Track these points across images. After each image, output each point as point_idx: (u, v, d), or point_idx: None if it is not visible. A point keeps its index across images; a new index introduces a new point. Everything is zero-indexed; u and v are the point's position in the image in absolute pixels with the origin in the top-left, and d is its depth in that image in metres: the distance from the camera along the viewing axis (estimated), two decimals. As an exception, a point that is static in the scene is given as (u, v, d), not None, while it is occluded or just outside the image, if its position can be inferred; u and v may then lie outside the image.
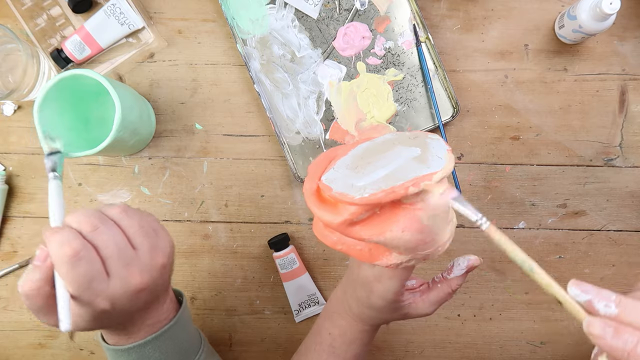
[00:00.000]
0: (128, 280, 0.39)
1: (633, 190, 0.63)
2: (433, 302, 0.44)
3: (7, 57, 0.61)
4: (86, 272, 0.37)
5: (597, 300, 0.29)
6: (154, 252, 0.41)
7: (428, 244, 0.35)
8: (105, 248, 0.38)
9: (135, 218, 0.41)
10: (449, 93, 0.62)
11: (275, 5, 0.63)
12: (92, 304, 0.38)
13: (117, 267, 0.39)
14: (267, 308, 0.64)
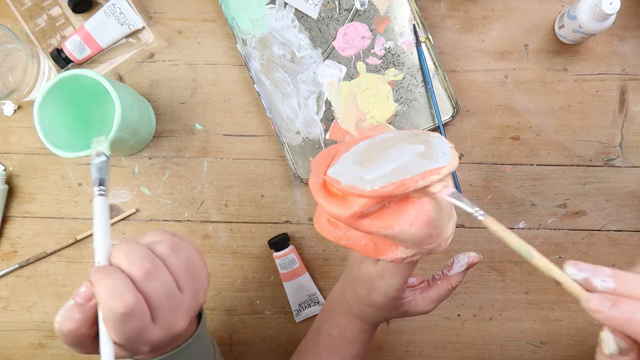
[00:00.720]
0: (172, 326, 0.38)
1: (633, 190, 0.63)
2: (433, 299, 0.44)
3: (7, 57, 0.61)
4: (137, 327, 0.35)
5: (594, 277, 0.29)
6: (197, 293, 0.40)
7: (434, 238, 0.36)
8: (156, 297, 0.36)
9: (183, 256, 0.39)
10: (449, 93, 0.62)
11: (275, 5, 0.63)
12: (135, 351, 0.37)
13: (164, 314, 0.37)
14: (267, 308, 0.64)
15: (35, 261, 0.64)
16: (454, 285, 0.44)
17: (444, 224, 0.36)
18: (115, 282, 0.34)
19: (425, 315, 0.64)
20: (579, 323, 0.64)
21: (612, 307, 0.28)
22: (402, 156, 0.36)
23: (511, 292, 0.64)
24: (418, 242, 0.35)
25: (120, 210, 0.64)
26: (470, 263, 0.43)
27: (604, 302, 0.28)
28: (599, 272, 0.29)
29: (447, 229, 0.37)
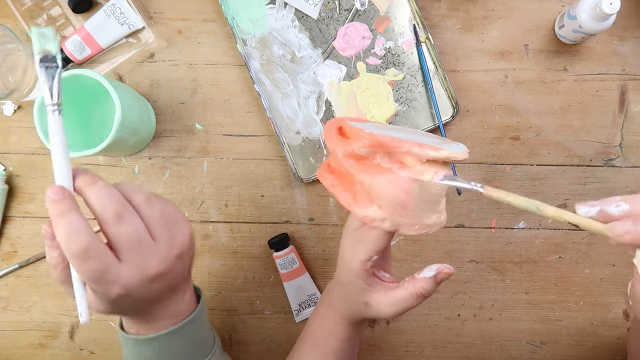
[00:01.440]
0: (144, 269, 0.39)
1: (633, 190, 0.63)
2: (394, 301, 0.43)
3: (7, 57, 0.61)
4: (96, 267, 0.36)
5: (607, 206, 0.30)
6: (172, 243, 0.41)
7: (407, 212, 0.37)
8: (124, 240, 0.38)
9: (157, 207, 0.41)
10: (449, 93, 0.62)
11: (275, 5, 0.63)
12: (107, 293, 0.38)
13: (133, 256, 0.38)
14: (267, 308, 0.64)
15: (35, 261, 0.64)
16: (419, 292, 0.42)
17: (424, 206, 0.37)
18: (71, 223, 0.36)
19: (426, 315, 0.64)
20: (579, 323, 0.64)
21: (636, 224, 0.28)
22: (417, 135, 0.39)
23: (511, 292, 0.64)
24: (391, 206, 0.37)
25: (120, 210, 0.64)
26: (439, 271, 0.42)
27: (626, 224, 0.29)
28: (610, 200, 0.30)
29: (426, 215, 0.37)
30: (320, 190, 0.64)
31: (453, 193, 0.63)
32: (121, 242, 0.38)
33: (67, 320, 0.64)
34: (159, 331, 0.44)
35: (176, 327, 0.44)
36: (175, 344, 0.45)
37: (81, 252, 0.36)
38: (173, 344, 0.45)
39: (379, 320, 0.64)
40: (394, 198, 0.36)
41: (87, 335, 0.64)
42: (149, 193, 0.41)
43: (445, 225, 0.63)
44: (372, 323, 0.65)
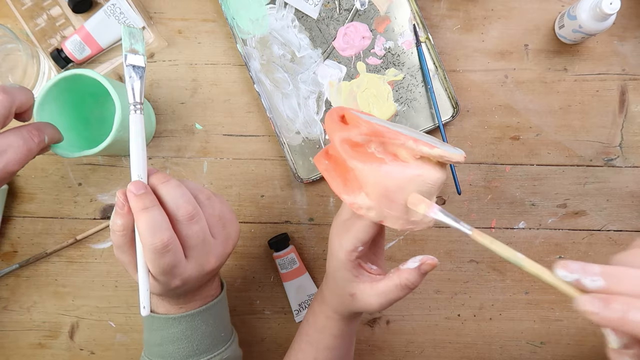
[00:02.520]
0: (203, 266, 0.43)
1: (633, 190, 0.64)
2: (380, 292, 0.42)
3: (7, 57, 0.61)
4: (171, 262, 0.40)
5: (584, 277, 0.29)
6: (227, 242, 0.45)
7: (393, 205, 0.37)
8: (193, 239, 0.42)
9: (218, 207, 0.45)
10: (449, 93, 0.62)
11: (275, 5, 0.63)
12: (168, 283, 0.42)
13: (197, 254, 0.42)
14: (267, 308, 0.64)
15: (35, 261, 0.64)
16: (403, 284, 0.41)
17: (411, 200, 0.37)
18: (155, 219, 0.39)
19: (426, 315, 0.64)
20: (579, 323, 0.64)
21: (604, 307, 0.27)
22: (419, 135, 0.40)
23: (511, 292, 0.64)
24: (378, 195, 0.37)
25: (120, 210, 0.64)
26: (423, 262, 0.41)
27: (596, 302, 0.28)
28: (588, 271, 0.29)
29: (412, 210, 0.37)
30: (320, 190, 0.64)
31: (453, 193, 0.63)
32: (191, 240, 0.42)
33: (67, 320, 0.64)
34: (187, 311, 0.47)
35: (204, 307, 0.48)
36: (201, 324, 0.48)
37: (163, 246, 0.39)
38: (199, 324, 0.48)
39: (379, 320, 0.64)
40: (382, 189, 0.37)
41: (87, 335, 0.64)
42: (210, 192, 0.45)
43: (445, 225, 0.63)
44: (372, 323, 0.65)
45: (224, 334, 0.51)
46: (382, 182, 0.37)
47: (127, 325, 0.64)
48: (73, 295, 0.64)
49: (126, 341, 0.64)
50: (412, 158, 0.37)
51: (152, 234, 0.39)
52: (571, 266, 0.29)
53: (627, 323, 0.27)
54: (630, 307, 0.26)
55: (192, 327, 0.47)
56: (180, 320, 0.47)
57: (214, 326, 0.49)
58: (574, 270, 0.29)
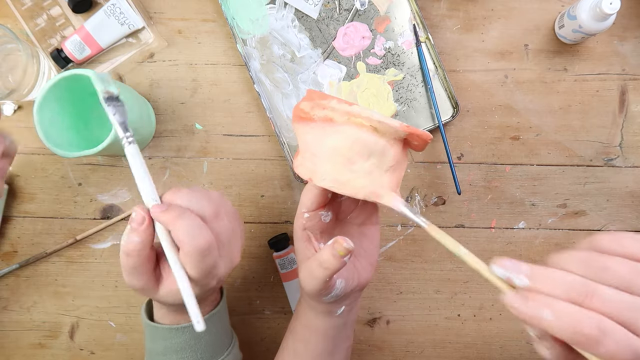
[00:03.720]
0: (232, 261, 0.43)
1: (633, 190, 0.63)
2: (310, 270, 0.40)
3: (7, 57, 0.61)
4: (212, 262, 0.40)
5: (514, 275, 0.31)
6: (242, 234, 0.46)
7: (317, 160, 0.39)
8: (223, 234, 0.41)
9: (229, 204, 0.45)
10: (449, 93, 0.62)
11: (275, 5, 0.63)
12: (207, 284, 0.41)
13: (227, 250, 0.42)
14: (267, 308, 0.64)
15: (35, 261, 0.64)
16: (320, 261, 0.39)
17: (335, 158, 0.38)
18: (192, 222, 0.39)
19: (426, 315, 0.64)
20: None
21: (523, 303, 0.30)
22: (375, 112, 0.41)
23: (511, 292, 0.64)
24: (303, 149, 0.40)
25: (120, 210, 0.64)
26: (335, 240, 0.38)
27: (517, 299, 0.30)
28: (518, 269, 0.31)
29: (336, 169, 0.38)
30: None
31: (453, 193, 0.63)
32: (222, 237, 0.41)
33: (67, 320, 0.64)
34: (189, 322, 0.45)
35: (207, 315, 0.47)
36: (204, 333, 0.47)
37: (207, 246, 0.39)
38: (202, 333, 0.47)
39: (379, 320, 0.64)
40: (304, 143, 0.39)
41: (87, 335, 0.64)
42: (218, 192, 0.45)
43: (445, 225, 0.63)
44: (372, 323, 0.65)
45: (226, 340, 0.51)
46: (305, 137, 0.39)
47: (127, 325, 0.64)
48: (73, 295, 0.64)
49: (126, 341, 0.64)
50: (342, 119, 0.38)
51: (194, 237, 0.38)
52: (505, 264, 0.31)
53: (537, 319, 0.29)
54: (541, 305, 0.29)
55: (195, 337, 0.47)
56: (184, 331, 0.46)
57: (217, 334, 0.49)
58: (507, 267, 0.31)
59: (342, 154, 0.38)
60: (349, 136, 0.38)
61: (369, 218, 0.46)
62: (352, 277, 0.44)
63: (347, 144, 0.38)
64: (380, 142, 0.38)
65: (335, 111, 0.38)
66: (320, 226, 0.42)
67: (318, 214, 0.42)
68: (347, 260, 0.39)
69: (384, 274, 0.64)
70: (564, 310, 0.28)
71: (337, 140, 0.38)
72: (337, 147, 0.38)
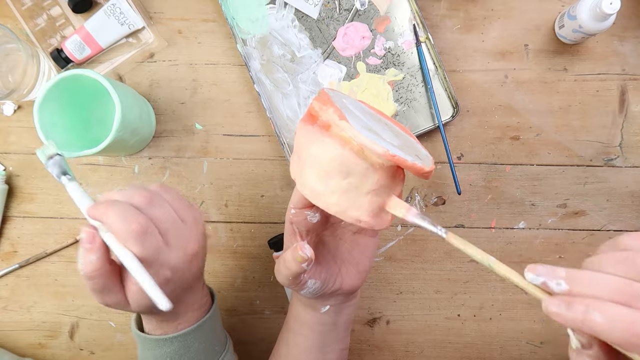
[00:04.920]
0: (185, 249, 0.42)
1: (633, 190, 0.63)
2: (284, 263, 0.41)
3: (7, 57, 0.61)
4: (153, 245, 0.38)
5: (550, 280, 0.30)
6: (197, 222, 0.44)
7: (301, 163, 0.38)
8: (162, 222, 0.40)
9: (173, 192, 0.44)
10: (449, 93, 0.62)
11: (275, 5, 0.63)
12: (158, 275, 0.39)
13: (174, 237, 0.41)
14: (267, 308, 0.64)
15: (35, 261, 0.64)
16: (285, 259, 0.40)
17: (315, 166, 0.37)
18: (123, 209, 0.38)
19: (426, 315, 0.64)
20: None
21: (567, 308, 0.29)
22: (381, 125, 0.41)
23: (511, 292, 0.64)
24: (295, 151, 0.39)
25: (120, 210, 0.64)
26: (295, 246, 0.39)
27: (560, 305, 0.29)
28: (554, 274, 0.30)
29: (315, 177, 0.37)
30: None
31: (453, 193, 0.63)
32: (163, 224, 0.40)
33: (67, 320, 0.64)
34: (179, 330, 0.46)
35: (196, 324, 0.46)
36: (194, 342, 0.47)
37: (142, 229, 0.37)
38: (192, 342, 0.46)
39: (379, 320, 0.64)
40: (299, 146, 0.38)
41: (87, 335, 0.64)
42: (158, 183, 0.44)
43: (445, 225, 0.63)
44: (372, 323, 0.65)
45: (217, 347, 0.50)
46: (299, 138, 0.38)
47: (127, 325, 0.64)
48: (73, 295, 0.64)
49: (126, 341, 0.64)
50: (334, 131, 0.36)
51: (126, 220, 0.37)
52: (539, 269, 0.30)
53: (586, 323, 0.28)
54: (590, 309, 0.28)
55: (185, 346, 0.46)
56: (172, 341, 0.46)
57: (207, 342, 0.48)
58: (541, 273, 0.30)
59: (321, 165, 0.36)
60: (330, 150, 0.36)
61: (364, 229, 0.45)
62: (332, 280, 0.44)
63: (327, 158, 0.36)
64: (362, 164, 0.36)
65: (330, 120, 0.36)
66: (306, 224, 0.41)
67: (304, 212, 0.41)
68: (306, 267, 0.39)
69: (384, 274, 0.64)
70: (617, 312, 0.27)
71: (319, 151, 0.36)
72: (318, 158, 0.36)
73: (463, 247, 0.34)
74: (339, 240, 0.46)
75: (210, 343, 0.48)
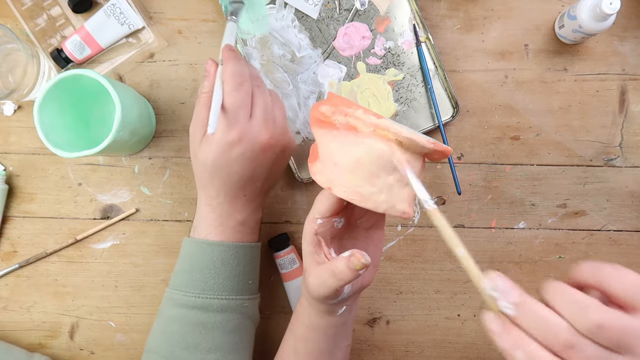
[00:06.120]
0: (261, 133, 0.48)
1: (633, 190, 0.64)
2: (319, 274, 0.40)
3: (7, 57, 0.61)
4: (241, 99, 0.46)
5: (501, 300, 0.30)
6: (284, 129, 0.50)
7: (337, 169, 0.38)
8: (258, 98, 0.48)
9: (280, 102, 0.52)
10: (449, 93, 0.62)
11: (275, 5, 0.63)
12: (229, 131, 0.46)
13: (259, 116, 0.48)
14: (267, 308, 0.64)
15: (35, 261, 0.64)
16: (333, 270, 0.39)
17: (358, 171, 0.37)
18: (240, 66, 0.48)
19: (426, 315, 0.64)
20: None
21: (501, 333, 0.30)
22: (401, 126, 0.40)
23: (511, 292, 0.64)
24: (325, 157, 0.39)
25: (120, 210, 0.64)
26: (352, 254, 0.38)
27: (497, 325, 0.30)
28: (508, 296, 0.30)
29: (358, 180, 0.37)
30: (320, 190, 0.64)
31: (453, 193, 0.63)
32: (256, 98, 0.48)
33: (67, 320, 0.64)
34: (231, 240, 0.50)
35: (238, 244, 0.51)
36: (232, 260, 0.50)
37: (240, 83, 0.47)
38: (230, 258, 0.50)
39: (379, 320, 0.64)
40: (328, 151, 0.38)
41: (87, 335, 0.64)
42: None
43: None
44: (372, 323, 0.65)
45: (252, 284, 0.52)
46: (328, 144, 0.38)
47: (127, 325, 0.64)
48: (73, 295, 0.64)
49: (126, 341, 0.64)
50: (367, 130, 0.37)
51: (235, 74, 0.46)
52: (497, 283, 0.31)
53: (510, 357, 0.29)
54: (519, 345, 0.29)
55: (222, 259, 0.49)
56: (214, 248, 0.49)
57: (244, 269, 0.51)
58: (497, 288, 0.31)
59: (365, 167, 0.37)
60: (374, 150, 0.37)
61: (376, 223, 0.46)
62: (357, 280, 0.44)
63: (372, 158, 0.37)
64: (405, 157, 0.37)
65: (360, 121, 0.37)
66: (332, 232, 0.42)
67: (331, 220, 0.41)
68: (362, 273, 0.39)
69: (384, 274, 0.64)
70: (536, 356, 0.28)
71: (362, 153, 0.37)
72: (361, 160, 0.37)
73: (441, 229, 0.35)
74: (354, 240, 0.46)
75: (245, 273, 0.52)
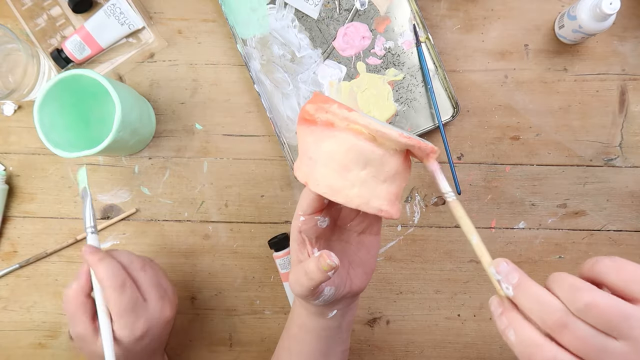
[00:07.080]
0: (163, 310, 0.49)
1: (633, 190, 0.64)
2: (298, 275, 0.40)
3: (7, 57, 0.61)
4: (131, 297, 0.46)
5: (502, 282, 0.32)
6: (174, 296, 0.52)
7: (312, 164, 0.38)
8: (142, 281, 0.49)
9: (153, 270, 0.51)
10: (449, 93, 0.62)
11: (275, 5, 0.63)
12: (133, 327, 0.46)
13: (154, 297, 0.49)
14: (267, 308, 0.64)
15: (35, 261, 0.64)
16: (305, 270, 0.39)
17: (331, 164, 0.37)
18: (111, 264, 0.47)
19: (426, 315, 0.64)
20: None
21: (498, 315, 0.32)
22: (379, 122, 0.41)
23: (511, 292, 0.64)
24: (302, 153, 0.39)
25: (120, 210, 0.64)
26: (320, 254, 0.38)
27: (497, 309, 0.33)
28: (508, 278, 0.32)
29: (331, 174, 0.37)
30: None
31: (453, 193, 0.63)
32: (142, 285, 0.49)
33: (67, 321, 0.64)
34: None
35: None
36: None
37: (121, 284, 0.46)
38: None
39: (379, 320, 0.64)
40: (304, 146, 0.38)
41: (87, 335, 0.64)
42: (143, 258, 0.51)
43: (445, 225, 0.63)
44: (372, 323, 0.65)
45: None
46: (305, 139, 0.38)
47: (127, 325, 0.64)
48: (73, 295, 0.64)
49: (126, 341, 0.64)
50: (343, 125, 0.37)
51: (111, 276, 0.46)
52: (501, 267, 0.33)
53: (504, 335, 0.32)
54: (511, 325, 0.31)
55: None
56: None
57: None
58: (500, 272, 0.33)
59: (337, 160, 0.37)
60: (345, 142, 0.36)
61: (369, 227, 0.45)
62: (343, 284, 0.43)
63: (343, 151, 0.36)
64: (377, 152, 0.37)
65: (335, 116, 0.37)
66: (316, 231, 0.41)
67: (314, 218, 0.41)
68: (332, 275, 0.38)
69: (384, 274, 0.64)
70: (526, 336, 0.30)
71: (333, 146, 0.37)
72: (332, 153, 0.37)
73: (459, 219, 0.37)
74: (345, 243, 0.45)
75: None
